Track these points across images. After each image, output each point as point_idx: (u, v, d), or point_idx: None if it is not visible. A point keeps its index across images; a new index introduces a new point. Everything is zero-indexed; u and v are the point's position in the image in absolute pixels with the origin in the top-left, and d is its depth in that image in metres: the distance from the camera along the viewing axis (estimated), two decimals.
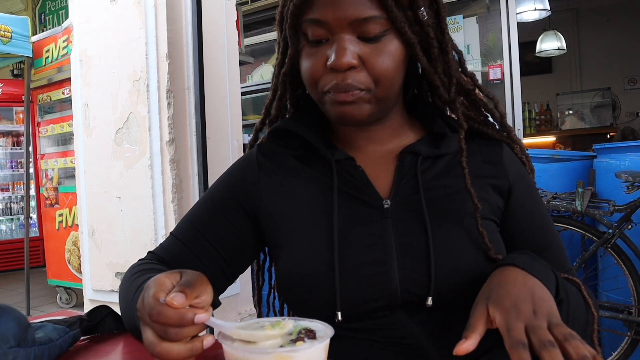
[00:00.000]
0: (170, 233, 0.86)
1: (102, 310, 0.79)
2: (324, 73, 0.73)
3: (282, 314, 0.98)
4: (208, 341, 0.55)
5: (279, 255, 0.80)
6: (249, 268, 0.98)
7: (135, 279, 0.75)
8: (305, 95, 0.89)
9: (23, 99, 4.36)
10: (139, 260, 0.84)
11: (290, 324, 0.55)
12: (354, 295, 0.72)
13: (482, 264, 0.72)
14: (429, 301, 0.70)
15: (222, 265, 0.82)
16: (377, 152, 0.82)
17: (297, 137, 0.82)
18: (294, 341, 0.53)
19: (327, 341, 0.53)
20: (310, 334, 0.54)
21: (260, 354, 0.51)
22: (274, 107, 0.88)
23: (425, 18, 0.74)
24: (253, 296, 1.01)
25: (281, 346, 0.52)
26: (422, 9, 0.73)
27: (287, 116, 0.89)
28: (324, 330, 0.55)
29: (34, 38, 4.44)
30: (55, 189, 4.38)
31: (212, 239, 0.82)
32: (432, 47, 0.76)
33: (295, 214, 0.79)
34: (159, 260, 0.83)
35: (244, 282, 2.59)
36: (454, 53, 0.80)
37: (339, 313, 0.71)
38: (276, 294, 0.98)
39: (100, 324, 0.78)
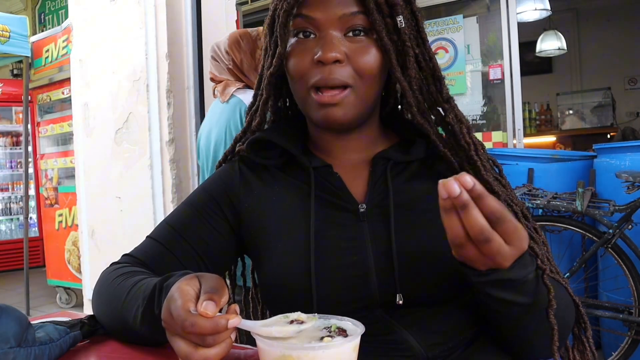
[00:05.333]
0: (147, 236, 0.86)
1: None
2: (310, 67, 0.76)
3: (262, 317, 0.99)
4: (233, 322, 0.55)
5: (261, 261, 0.82)
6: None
7: (120, 282, 0.74)
8: (285, 107, 0.92)
9: (22, 98, 4.35)
10: (112, 265, 0.83)
11: (316, 317, 0.57)
12: (332, 297, 0.74)
13: (448, 261, 0.73)
14: (399, 299, 0.72)
15: (201, 267, 0.82)
16: (353, 160, 0.84)
17: (277, 146, 0.84)
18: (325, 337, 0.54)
19: (357, 340, 0.54)
20: (343, 333, 0.55)
21: (298, 350, 0.51)
22: (257, 114, 0.88)
23: (403, 26, 0.76)
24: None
25: (317, 340, 0.53)
26: (401, 17, 0.76)
27: (266, 126, 0.90)
28: (354, 329, 0.56)
29: (34, 38, 4.44)
30: (55, 189, 4.38)
31: (192, 240, 0.82)
32: (407, 55, 0.78)
33: (275, 221, 0.81)
34: (137, 262, 0.82)
35: None
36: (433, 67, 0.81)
37: (316, 314, 0.72)
38: (258, 298, 1.00)
39: (101, 328, 0.78)
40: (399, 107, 0.91)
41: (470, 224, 0.57)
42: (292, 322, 0.57)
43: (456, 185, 0.56)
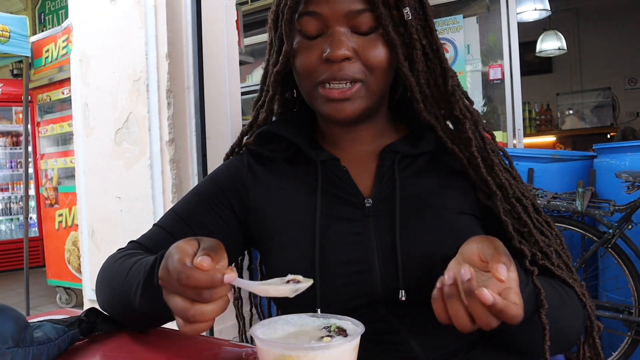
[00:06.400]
0: (154, 224, 0.86)
1: (99, 311, 0.79)
2: (318, 65, 0.75)
3: (270, 314, 0.99)
4: (229, 277, 0.54)
5: (267, 255, 0.82)
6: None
7: (124, 261, 0.75)
8: (292, 98, 0.91)
9: (22, 98, 4.35)
10: (118, 250, 0.83)
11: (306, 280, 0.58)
12: (335, 293, 0.74)
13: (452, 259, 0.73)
14: (401, 295, 0.71)
15: None
16: (361, 152, 0.83)
17: (284, 139, 0.83)
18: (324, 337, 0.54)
19: (357, 340, 0.54)
20: (343, 333, 0.54)
21: (298, 350, 0.51)
22: (264, 109, 0.87)
23: (410, 18, 0.75)
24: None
25: (317, 340, 0.53)
26: (407, 9, 0.75)
27: (273, 119, 0.90)
28: (354, 329, 0.55)
29: (34, 38, 4.43)
30: (55, 189, 4.38)
31: (198, 229, 0.82)
32: (415, 48, 0.76)
33: (282, 215, 0.81)
34: (143, 248, 0.82)
35: None
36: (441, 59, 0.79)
37: (319, 310, 0.71)
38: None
39: (99, 324, 0.78)
40: (408, 94, 0.88)
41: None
42: (288, 282, 0.58)
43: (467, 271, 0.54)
